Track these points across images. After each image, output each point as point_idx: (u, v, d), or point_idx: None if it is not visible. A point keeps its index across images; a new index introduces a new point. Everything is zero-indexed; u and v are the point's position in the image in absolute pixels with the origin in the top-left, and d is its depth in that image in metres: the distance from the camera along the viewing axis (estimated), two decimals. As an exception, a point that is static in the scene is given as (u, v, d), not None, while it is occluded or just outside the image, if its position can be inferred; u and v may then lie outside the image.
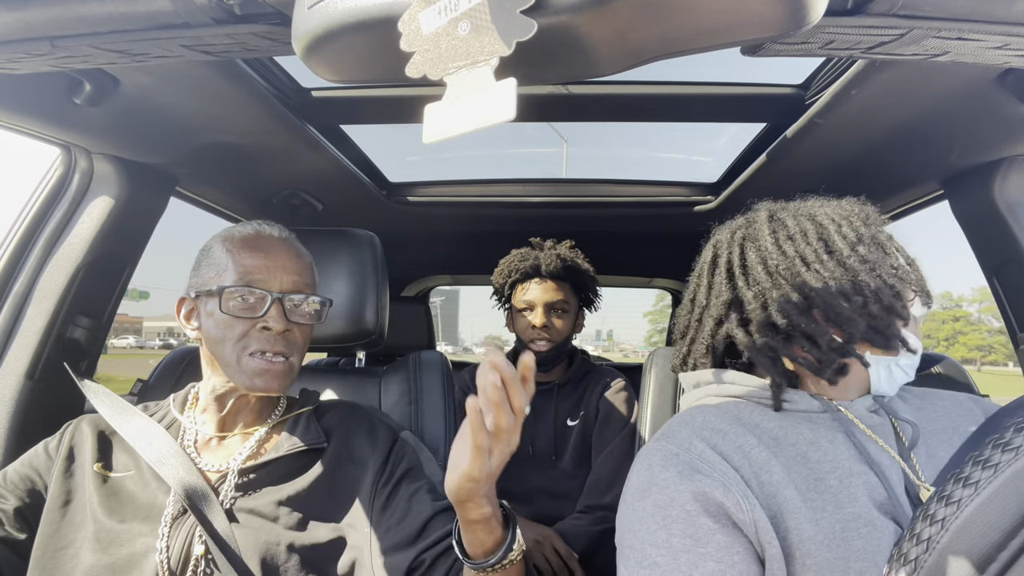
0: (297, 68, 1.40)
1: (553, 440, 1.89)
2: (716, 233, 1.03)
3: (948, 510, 0.48)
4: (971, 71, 1.05)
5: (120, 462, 1.01)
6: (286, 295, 1.02)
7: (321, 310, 1.08)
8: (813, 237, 0.89)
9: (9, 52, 0.71)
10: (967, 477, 0.48)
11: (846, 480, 0.79)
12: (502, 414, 0.69)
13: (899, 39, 0.62)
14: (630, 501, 0.84)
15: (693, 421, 0.89)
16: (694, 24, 0.51)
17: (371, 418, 1.12)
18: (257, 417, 1.07)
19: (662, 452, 0.85)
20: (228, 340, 0.99)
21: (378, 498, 1.01)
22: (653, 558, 0.76)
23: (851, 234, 0.88)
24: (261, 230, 1.07)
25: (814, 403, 0.88)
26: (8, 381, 1.27)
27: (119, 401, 1.08)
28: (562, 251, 1.87)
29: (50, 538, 0.95)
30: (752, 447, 0.83)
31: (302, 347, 1.06)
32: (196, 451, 1.03)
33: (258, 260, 1.02)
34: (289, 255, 1.05)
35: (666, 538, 0.76)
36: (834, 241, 0.87)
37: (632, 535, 0.80)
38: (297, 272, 1.05)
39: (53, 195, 1.35)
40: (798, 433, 0.85)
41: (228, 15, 0.65)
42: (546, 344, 1.86)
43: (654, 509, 0.79)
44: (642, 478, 0.85)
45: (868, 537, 0.74)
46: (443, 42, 0.47)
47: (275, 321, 0.99)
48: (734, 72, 7.68)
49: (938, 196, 1.60)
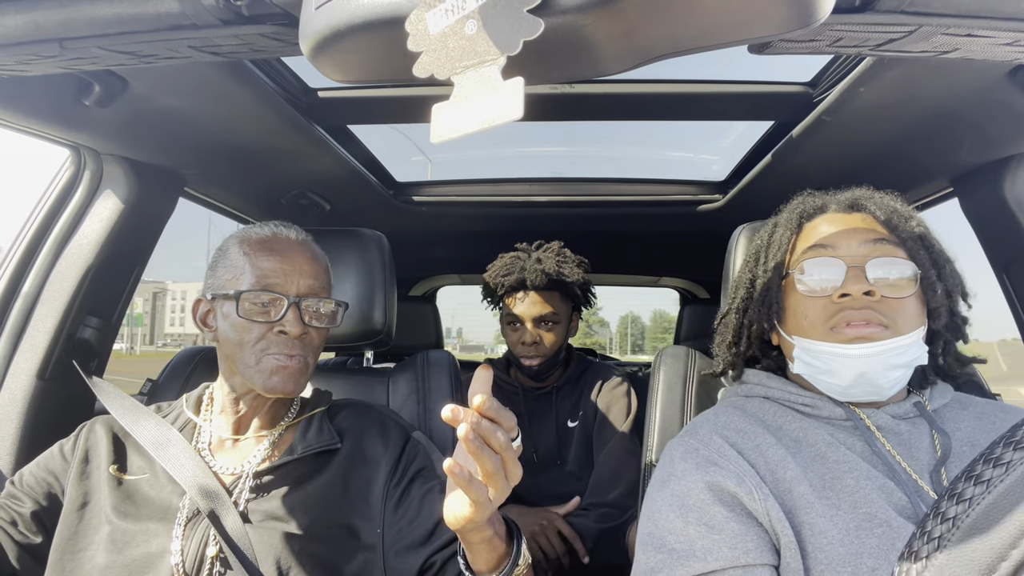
0: (304, 69, 1.41)
1: (556, 443, 1.88)
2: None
3: (959, 508, 0.48)
4: (981, 68, 1.04)
5: (135, 464, 1.02)
6: (303, 299, 1.02)
7: (336, 312, 1.08)
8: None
9: (19, 54, 0.71)
10: (978, 475, 0.48)
11: (863, 481, 0.80)
12: (485, 461, 0.66)
13: (908, 36, 0.62)
14: (651, 492, 0.88)
15: (716, 420, 0.93)
16: (701, 22, 0.50)
17: (383, 418, 1.12)
18: (272, 419, 1.08)
19: (683, 447, 0.89)
20: (246, 344, 0.99)
21: (390, 498, 1.01)
22: (671, 544, 0.78)
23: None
24: (278, 232, 1.07)
25: (837, 410, 0.89)
26: (19, 381, 1.28)
27: (130, 401, 1.08)
28: (547, 264, 1.78)
29: (68, 541, 0.95)
30: (770, 445, 0.86)
31: (317, 349, 1.06)
32: (211, 453, 1.04)
33: (275, 263, 1.02)
34: (306, 258, 1.05)
35: (683, 526, 0.79)
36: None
37: (652, 523, 0.83)
38: (314, 275, 1.04)
39: (63, 196, 1.36)
40: (818, 435, 0.87)
41: (236, 16, 0.66)
42: (537, 359, 1.83)
43: (672, 498, 0.82)
44: (663, 470, 0.88)
45: (883, 536, 0.75)
46: (450, 42, 0.47)
47: (292, 325, 0.99)
48: (741, 70, 7.70)
49: (948, 193, 1.59)
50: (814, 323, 0.87)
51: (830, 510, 0.78)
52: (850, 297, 0.84)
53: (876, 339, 0.83)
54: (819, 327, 0.86)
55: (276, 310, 1.00)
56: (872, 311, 0.83)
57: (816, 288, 0.87)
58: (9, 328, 1.30)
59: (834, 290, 0.85)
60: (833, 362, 0.85)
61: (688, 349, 1.34)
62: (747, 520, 0.78)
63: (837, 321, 0.84)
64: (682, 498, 0.81)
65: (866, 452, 0.85)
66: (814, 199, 1.00)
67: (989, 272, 1.44)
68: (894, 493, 0.79)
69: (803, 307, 0.89)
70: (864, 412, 0.88)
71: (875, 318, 0.83)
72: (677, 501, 0.82)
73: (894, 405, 0.89)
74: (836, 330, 0.84)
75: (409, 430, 1.12)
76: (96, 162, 1.35)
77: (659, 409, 1.28)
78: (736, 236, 1.24)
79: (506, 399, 1.94)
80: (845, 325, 0.84)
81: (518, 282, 1.80)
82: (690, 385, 1.28)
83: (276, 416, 1.08)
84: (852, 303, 0.84)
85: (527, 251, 1.86)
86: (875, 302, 0.84)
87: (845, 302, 0.84)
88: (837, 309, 0.85)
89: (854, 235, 0.89)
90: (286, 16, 0.64)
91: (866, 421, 0.87)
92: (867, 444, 0.86)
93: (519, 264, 1.81)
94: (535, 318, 1.81)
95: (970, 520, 0.47)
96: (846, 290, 0.84)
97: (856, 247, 0.88)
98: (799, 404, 0.92)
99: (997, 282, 1.44)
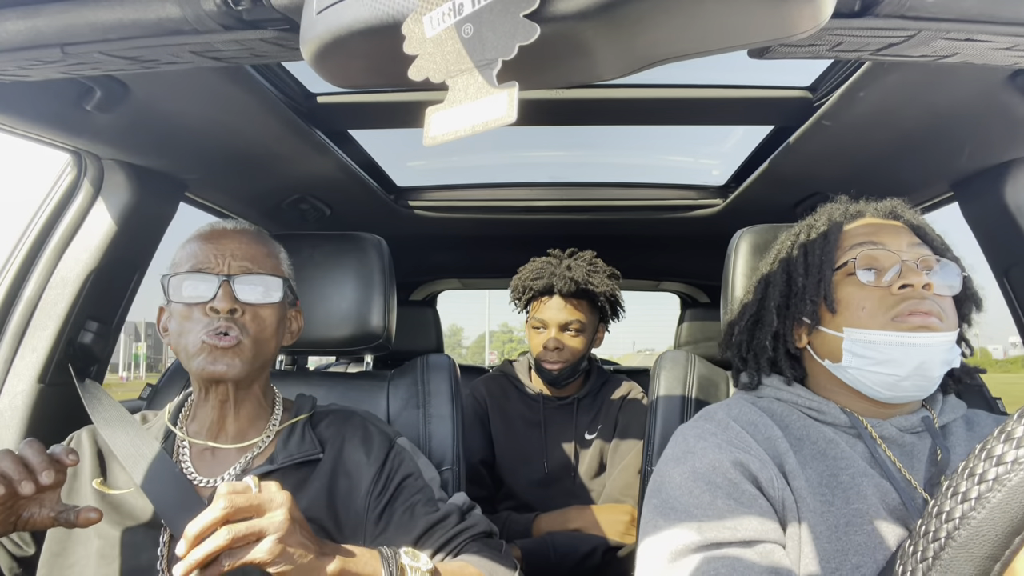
0: (305, 73, 1.41)
1: (572, 455, 1.87)
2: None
3: (964, 506, 0.49)
4: (980, 72, 1.04)
5: (120, 479, 1.00)
6: (235, 277, 0.99)
7: (270, 291, 1.03)
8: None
9: (20, 59, 0.71)
10: (981, 474, 0.48)
11: (859, 478, 0.82)
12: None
13: (907, 41, 0.62)
14: (665, 469, 0.88)
15: (730, 410, 0.95)
16: (700, 27, 0.50)
17: (366, 425, 1.10)
18: (250, 425, 1.05)
19: (698, 429, 0.91)
20: (185, 332, 0.98)
21: (372, 509, 1.00)
22: (696, 516, 0.79)
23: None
24: (216, 224, 1.06)
25: (842, 417, 0.91)
26: (20, 386, 1.28)
27: (117, 411, 1.07)
28: (577, 272, 1.78)
29: (56, 556, 0.94)
30: (778, 438, 0.88)
31: (258, 332, 1.01)
32: (191, 463, 1.02)
33: (206, 246, 1.01)
34: (241, 242, 1.03)
35: (711, 500, 0.80)
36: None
37: (668, 495, 0.84)
38: (249, 258, 1.02)
39: (64, 201, 1.35)
40: (820, 434, 0.89)
41: (236, 21, 0.66)
42: (559, 364, 1.82)
43: (693, 474, 0.83)
44: (677, 449, 0.89)
45: (871, 534, 0.77)
46: (446, 45, 0.47)
47: (220, 301, 0.96)
48: (741, 74, 7.70)
49: (948, 198, 1.59)
50: (873, 313, 0.88)
51: (822, 506, 0.80)
52: (911, 288, 0.86)
53: (936, 329, 0.85)
54: (879, 317, 0.87)
55: (208, 291, 0.98)
56: (931, 303, 0.86)
57: (875, 279, 0.89)
58: (10, 332, 1.29)
59: (893, 280, 0.87)
60: (893, 352, 0.85)
61: (688, 353, 1.34)
62: (767, 502, 0.81)
63: (900, 311, 0.86)
64: (707, 474, 0.82)
65: (866, 455, 0.87)
66: (851, 204, 1.02)
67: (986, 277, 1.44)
68: (889, 493, 0.81)
69: (859, 298, 0.90)
70: (870, 423, 0.89)
71: (935, 310, 0.86)
72: (702, 476, 0.82)
73: (902, 417, 0.90)
74: (899, 319, 0.86)
75: (393, 437, 1.10)
76: (97, 167, 1.35)
77: (659, 413, 1.28)
78: (736, 240, 1.24)
79: (525, 406, 1.94)
80: (909, 314, 0.85)
81: (546, 287, 1.81)
82: (690, 389, 1.28)
83: (254, 421, 1.06)
84: (913, 294, 0.86)
85: (559, 257, 1.86)
86: (931, 295, 0.86)
87: (906, 292, 0.86)
88: (899, 299, 0.87)
89: (900, 235, 0.93)
90: (287, 21, 0.64)
91: (871, 431, 0.88)
92: (868, 450, 0.87)
93: (549, 269, 1.82)
94: (560, 324, 1.81)
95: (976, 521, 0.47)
96: (907, 281, 0.86)
97: (905, 246, 0.91)
98: (806, 408, 0.93)
99: (997, 286, 1.44)
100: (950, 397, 0.97)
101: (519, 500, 1.84)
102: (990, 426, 0.94)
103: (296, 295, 1.12)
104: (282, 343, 1.09)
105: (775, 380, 0.99)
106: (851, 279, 0.91)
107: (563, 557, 1.62)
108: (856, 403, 0.92)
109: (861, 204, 1.01)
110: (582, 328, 1.83)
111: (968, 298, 0.96)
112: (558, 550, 1.63)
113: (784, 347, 0.99)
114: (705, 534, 0.76)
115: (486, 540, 1.02)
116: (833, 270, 0.93)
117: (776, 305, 0.99)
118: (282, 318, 1.06)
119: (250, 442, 1.04)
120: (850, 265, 0.91)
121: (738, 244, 1.23)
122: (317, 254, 1.37)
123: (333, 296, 1.34)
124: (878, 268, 0.90)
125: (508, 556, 1.01)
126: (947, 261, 0.92)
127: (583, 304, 1.83)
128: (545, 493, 1.82)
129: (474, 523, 1.03)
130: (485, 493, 1.83)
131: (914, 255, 0.89)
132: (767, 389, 0.99)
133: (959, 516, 0.48)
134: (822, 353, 0.94)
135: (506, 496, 1.86)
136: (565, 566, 1.61)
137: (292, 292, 1.09)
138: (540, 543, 1.64)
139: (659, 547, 0.79)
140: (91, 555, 0.93)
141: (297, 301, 1.14)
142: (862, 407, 0.91)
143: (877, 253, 0.90)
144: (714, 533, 0.76)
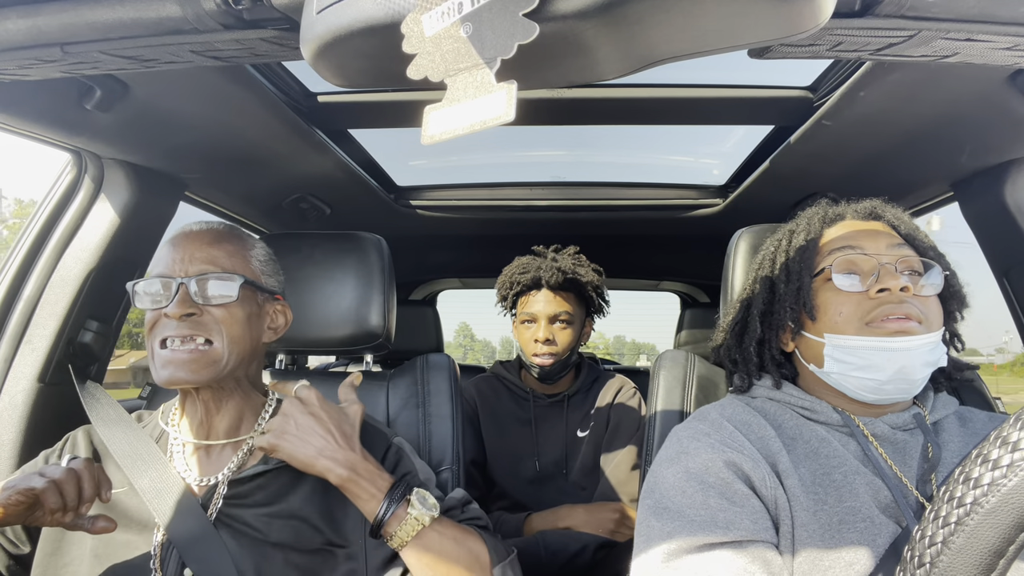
0: (304, 73, 1.41)
1: (564, 453, 1.86)
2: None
3: (960, 511, 0.49)
4: (980, 72, 1.04)
5: (114, 478, 0.98)
6: (191, 279, 0.96)
7: (229, 289, 0.99)
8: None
9: (20, 58, 0.71)
10: (977, 479, 0.48)
11: (851, 476, 0.83)
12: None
13: (907, 41, 0.62)
14: (658, 469, 0.89)
15: (724, 410, 0.95)
16: (700, 27, 0.50)
17: (364, 423, 1.09)
18: (238, 421, 1.04)
19: (692, 430, 0.91)
20: (148, 338, 0.97)
21: None
22: (690, 516, 0.79)
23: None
24: (185, 227, 1.04)
25: (835, 416, 0.91)
26: (20, 385, 1.28)
27: (116, 410, 1.07)
28: (563, 262, 1.80)
29: (51, 555, 0.95)
30: (771, 438, 0.88)
31: (224, 330, 0.98)
32: (185, 462, 1.01)
33: (169, 252, 1.00)
34: (202, 243, 1.00)
35: (703, 499, 0.80)
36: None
37: (662, 495, 0.84)
38: (208, 260, 0.99)
39: (64, 200, 1.36)
40: (813, 434, 0.89)
41: (237, 21, 0.66)
42: (550, 358, 1.81)
43: (686, 474, 0.84)
44: (672, 449, 0.90)
45: (864, 532, 0.77)
46: (445, 44, 0.47)
47: (174, 306, 0.94)
48: (741, 74, 7.69)
49: (948, 198, 1.59)
50: (849, 319, 0.88)
51: (815, 504, 0.80)
52: (888, 292, 0.86)
53: (915, 333, 0.85)
54: (855, 323, 0.87)
55: (166, 296, 0.96)
56: (910, 305, 0.85)
57: (852, 285, 0.89)
58: (10, 332, 1.30)
59: (871, 285, 0.87)
60: (873, 357, 0.85)
61: (687, 353, 1.34)
62: (760, 502, 0.81)
63: (875, 316, 0.86)
64: (700, 474, 0.83)
65: (858, 453, 0.87)
66: (832, 207, 1.01)
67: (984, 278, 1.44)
68: (881, 491, 0.81)
69: (837, 304, 0.90)
70: (862, 420, 0.90)
71: (914, 313, 0.85)
72: (695, 476, 0.83)
73: (893, 415, 0.90)
74: (874, 324, 0.86)
75: (390, 436, 1.10)
76: (97, 166, 1.35)
77: (659, 413, 1.28)
78: (736, 240, 1.24)
79: (516, 404, 1.94)
80: (884, 319, 0.85)
81: (533, 280, 1.81)
82: (689, 388, 1.28)
83: (244, 416, 1.05)
84: (890, 298, 0.86)
85: (543, 253, 1.87)
86: (910, 298, 0.86)
87: (883, 297, 0.86)
88: (875, 304, 0.86)
89: (879, 238, 0.92)
90: (287, 20, 0.64)
91: (863, 429, 0.89)
92: (861, 448, 0.87)
93: (535, 264, 1.83)
94: (550, 316, 1.81)
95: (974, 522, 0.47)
96: (884, 285, 0.86)
97: (884, 248, 0.90)
98: (799, 407, 0.94)
99: (997, 286, 1.44)
100: (941, 394, 0.97)
101: (512, 499, 1.83)
102: (983, 422, 0.94)
103: (272, 290, 1.08)
104: (263, 339, 1.06)
105: (767, 381, 0.99)
106: (829, 285, 0.91)
107: (554, 555, 1.62)
108: (846, 403, 0.92)
109: (842, 206, 1.01)
110: (571, 320, 1.83)
111: (952, 295, 0.95)
112: (549, 549, 1.62)
113: (770, 353, 0.99)
114: (698, 534, 0.76)
115: (485, 530, 1.03)
116: (812, 276, 0.93)
117: (760, 312, 0.99)
118: (253, 314, 1.03)
119: (242, 437, 1.03)
120: (827, 271, 0.91)
121: (737, 244, 1.23)
122: (317, 253, 1.37)
123: (333, 295, 1.34)
124: (856, 272, 0.90)
125: (506, 547, 1.02)
126: (927, 261, 0.91)
127: (571, 296, 1.83)
128: (537, 491, 1.82)
129: (475, 515, 1.04)
130: (477, 494, 1.82)
131: (894, 256, 0.89)
132: (760, 390, 0.99)
133: (955, 521, 0.48)
134: (807, 357, 0.95)
135: (499, 496, 1.86)
136: (556, 564, 1.61)
137: (261, 288, 1.05)
138: (531, 542, 1.64)
139: (653, 548, 0.79)
140: (85, 554, 0.94)
141: (278, 296, 1.10)
142: (853, 407, 0.92)
143: (855, 257, 0.90)
144: (707, 533, 0.76)
